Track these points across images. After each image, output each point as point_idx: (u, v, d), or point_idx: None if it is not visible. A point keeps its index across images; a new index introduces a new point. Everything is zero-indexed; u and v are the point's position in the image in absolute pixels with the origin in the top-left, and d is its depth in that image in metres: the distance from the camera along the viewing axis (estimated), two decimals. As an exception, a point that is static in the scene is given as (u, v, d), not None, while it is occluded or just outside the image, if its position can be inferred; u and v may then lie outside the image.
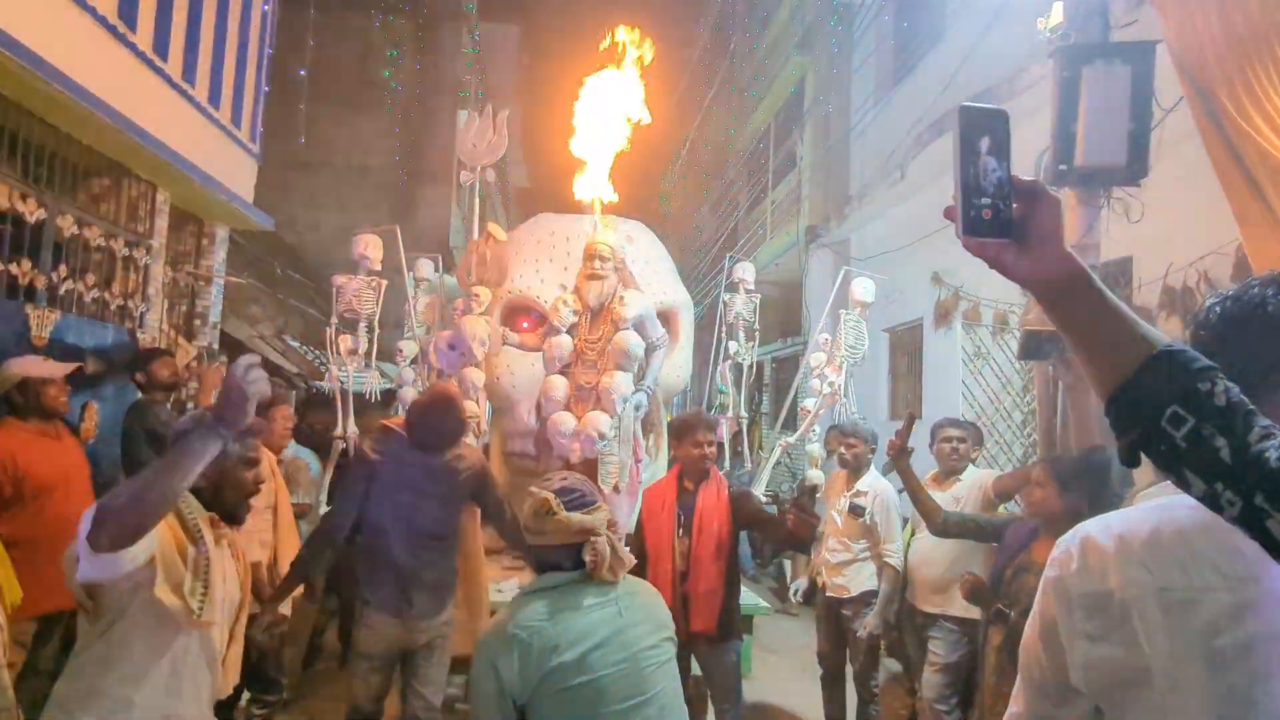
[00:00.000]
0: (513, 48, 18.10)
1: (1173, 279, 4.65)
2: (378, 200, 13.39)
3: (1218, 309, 1.03)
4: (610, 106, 4.54)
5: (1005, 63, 5.67)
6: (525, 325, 5.17)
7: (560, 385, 4.07)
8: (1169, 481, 0.88)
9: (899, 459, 3.58)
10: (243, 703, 3.44)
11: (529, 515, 1.86)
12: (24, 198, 3.93)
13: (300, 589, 3.26)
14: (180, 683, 1.77)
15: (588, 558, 1.83)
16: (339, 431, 4.52)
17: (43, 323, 4.00)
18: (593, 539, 1.84)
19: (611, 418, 4.06)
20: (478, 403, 4.25)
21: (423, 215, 13.56)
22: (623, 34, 4.50)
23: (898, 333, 9.25)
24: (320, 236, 13.08)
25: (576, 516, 1.83)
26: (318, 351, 8.62)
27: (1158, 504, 1.07)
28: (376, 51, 12.95)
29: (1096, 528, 1.08)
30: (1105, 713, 1.05)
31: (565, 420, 3.96)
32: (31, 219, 3.96)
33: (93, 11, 4.09)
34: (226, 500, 1.93)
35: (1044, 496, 2.59)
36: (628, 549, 1.96)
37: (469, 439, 3.87)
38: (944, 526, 3.52)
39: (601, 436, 3.97)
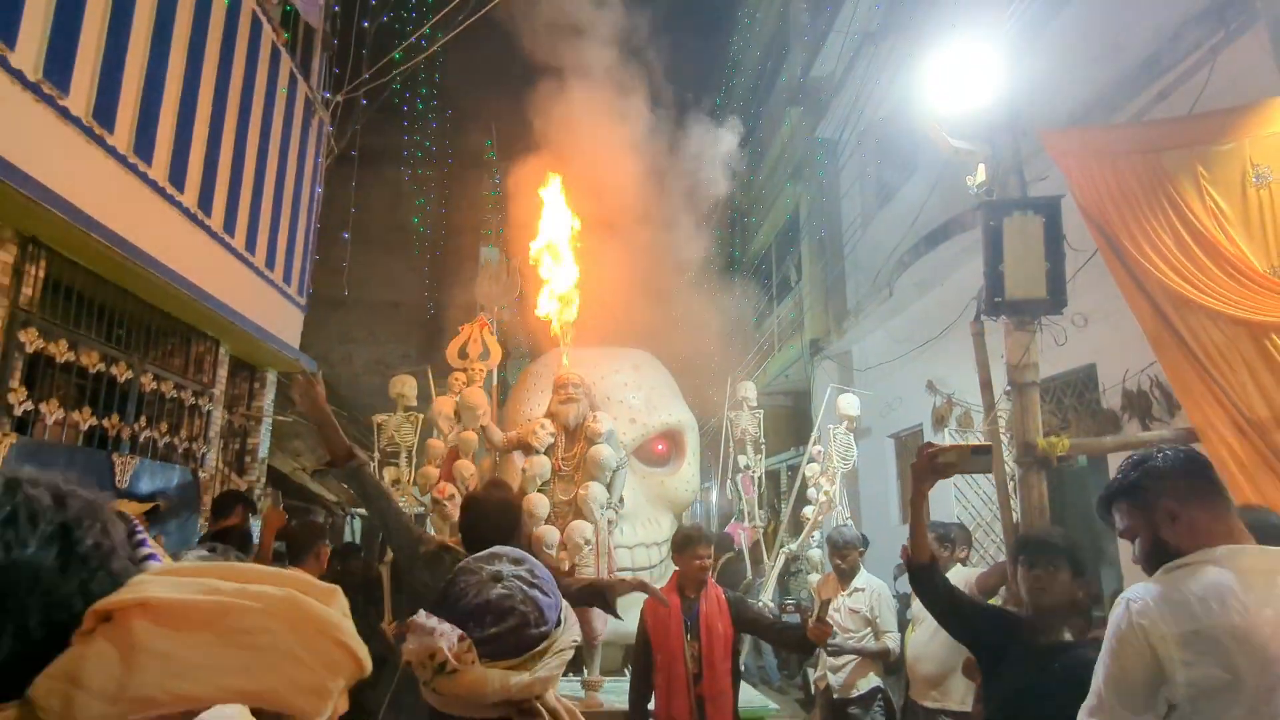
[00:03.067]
0: (531, 187, 19.55)
1: (1130, 383, 5.13)
2: (407, 333, 14.31)
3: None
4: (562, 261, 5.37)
5: (963, 199, 6.35)
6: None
7: (544, 503, 4.54)
8: (1187, 557, 1.62)
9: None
10: None
11: (415, 664, 0.97)
12: (114, 361, 4.61)
13: None
14: None
15: None
16: (389, 557, 4.99)
17: (125, 469, 4.59)
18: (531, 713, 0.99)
19: (591, 525, 4.53)
20: (466, 486, 4.69)
21: (448, 344, 14.40)
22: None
23: (901, 438, 9.65)
24: (353, 368, 13.91)
25: (497, 675, 0.96)
26: (353, 480, 9.17)
27: (1189, 569, 1.61)
28: (407, 199, 14.17)
29: (1165, 588, 1.60)
30: (1183, 713, 1.52)
31: (551, 533, 4.41)
32: (121, 380, 4.63)
33: (179, 205, 4.93)
34: None
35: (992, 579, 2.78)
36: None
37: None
38: None
39: (587, 543, 4.41)
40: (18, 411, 3.79)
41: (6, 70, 3.45)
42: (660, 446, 5.86)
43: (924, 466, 2.59)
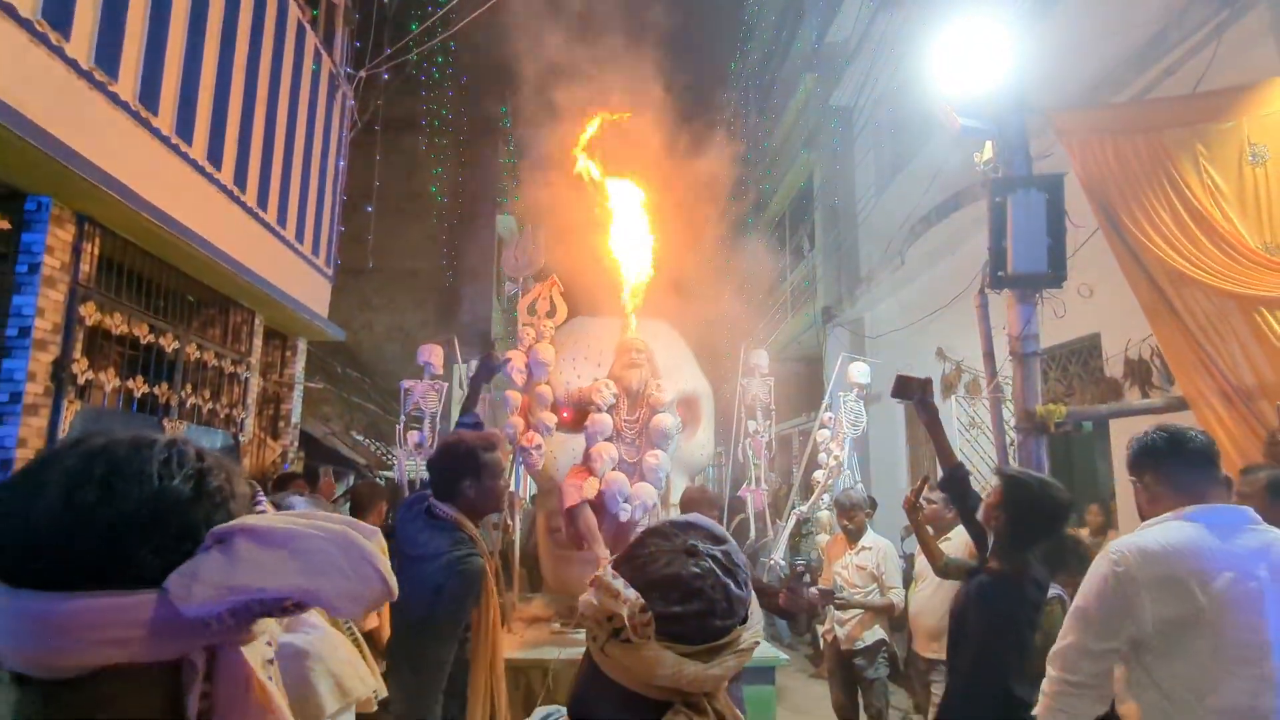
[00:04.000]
0: (545, 146, 19.60)
1: (1131, 352, 5.31)
2: (425, 299, 14.55)
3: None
4: (633, 231, 5.47)
5: (975, 169, 6.46)
6: (565, 415, 5.95)
7: (613, 450, 4.77)
8: (1165, 515, 1.95)
9: (911, 512, 4.07)
10: None
11: (590, 620, 0.92)
12: (162, 333, 4.88)
13: None
14: None
15: None
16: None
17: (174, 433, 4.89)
18: (693, 705, 0.89)
19: (658, 490, 4.75)
20: (551, 410, 4.99)
21: (466, 311, 14.67)
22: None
23: (912, 404, 9.84)
24: (374, 335, 14.20)
25: (671, 659, 0.88)
26: (379, 443, 9.52)
27: (1164, 525, 1.92)
28: (423, 167, 14.30)
29: (1143, 540, 1.91)
30: (1154, 646, 1.85)
31: (622, 480, 4.64)
32: (169, 350, 4.91)
33: (217, 182, 5.15)
34: None
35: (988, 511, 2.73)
36: None
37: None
38: (944, 569, 3.97)
39: (653, 505, 4.64)
40: (81, 381, 4.07)
41: (63, 59, 3.66)
42: (677, 412, 6.08)
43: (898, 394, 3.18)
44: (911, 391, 3.09)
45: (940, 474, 3.11)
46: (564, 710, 0.98)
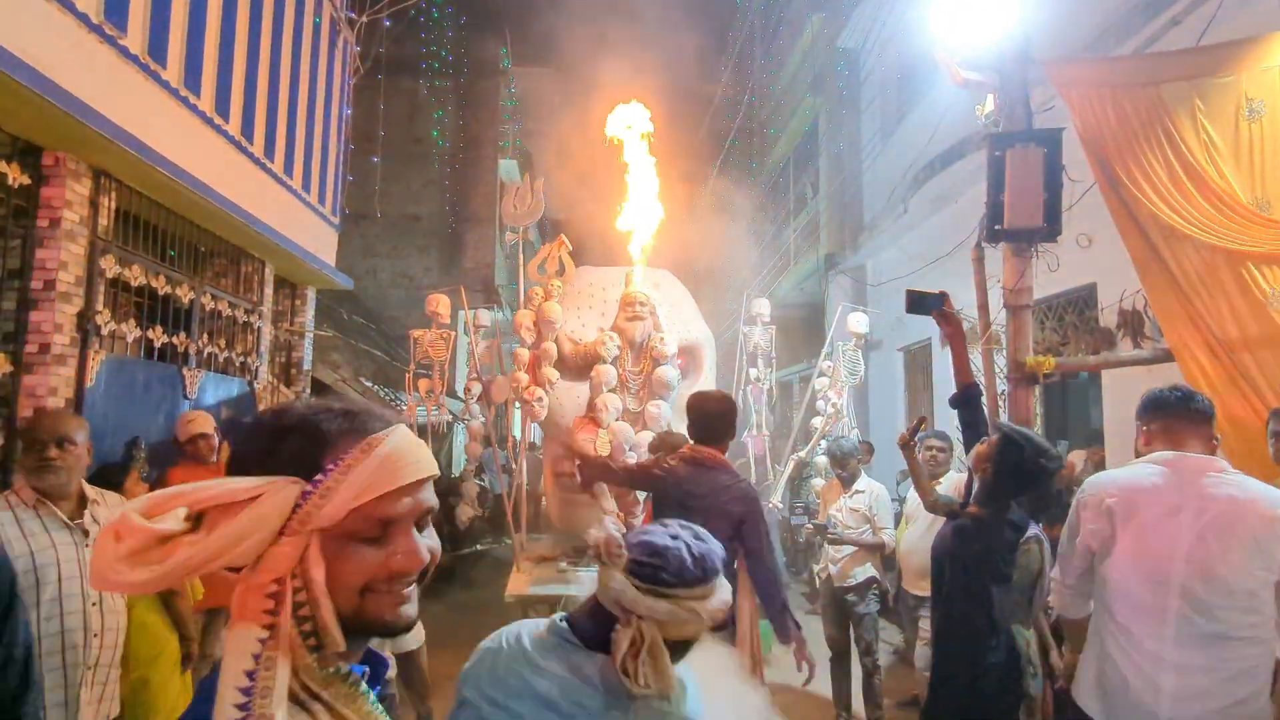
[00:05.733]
0: (546, 90, 19.34)
1: (1125, 303, 5.41)
2: (428, 246, 14.58)
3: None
4: (641, 186, 5.53)
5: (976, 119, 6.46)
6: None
7: (617, 401, 4.94)
8: (1135, 460, 2.43)
9: (905, 450, 4.20)
10: None
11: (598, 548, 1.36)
12: (178, 283, 5.01)
13: None
14: None
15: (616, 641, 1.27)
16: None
17: (193, 381, 5.05)
18: (627, 620, 1.29)
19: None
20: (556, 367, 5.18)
21: (469, 257, 14.70)
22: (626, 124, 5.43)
23: (911, 351, 9.99)
24: (378, 281, 14.28)
25: (620, 579, 1.31)
26: (388, 389, 9.71)
27: (1131, 465, 2.38)
28: (424, 111, 14.15)
29: (1103, 475, 2.47)
30: (1095, 554, 2.36)
31: (628, 429, 4.83)
32: (185, 300, 5.04)
33: (225, 133, 5.20)
34: None
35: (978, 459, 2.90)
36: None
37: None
38: (933, 504, 4.13)
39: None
40: (105, 331, 4.21)
41: (74, 14, 3.69)
42: (679, 361, 6.22)
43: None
44: (928, 304, 3.14)
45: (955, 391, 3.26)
46: (522, 624, 1.39)
